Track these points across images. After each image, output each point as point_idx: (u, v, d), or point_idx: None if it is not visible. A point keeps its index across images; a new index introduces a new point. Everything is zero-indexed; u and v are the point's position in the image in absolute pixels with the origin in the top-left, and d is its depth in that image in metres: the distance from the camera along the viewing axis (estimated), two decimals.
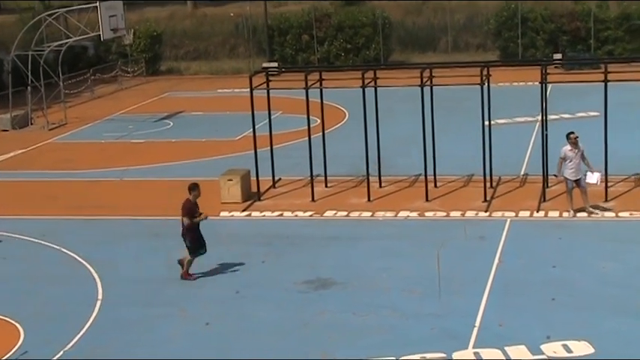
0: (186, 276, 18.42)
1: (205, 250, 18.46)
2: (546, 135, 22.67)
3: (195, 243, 18.33)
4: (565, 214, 21.41)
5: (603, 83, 21.94)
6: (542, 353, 14.52)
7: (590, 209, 21.32)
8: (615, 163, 22.51)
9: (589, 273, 17.84)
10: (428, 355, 14.63)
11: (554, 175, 21.70)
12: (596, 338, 14.84)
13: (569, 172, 21.19)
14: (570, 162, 21.08)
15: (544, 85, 22.66)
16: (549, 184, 23.09)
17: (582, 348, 14.60)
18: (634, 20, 43.35)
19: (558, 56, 42.80)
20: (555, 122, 29.10)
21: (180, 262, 18.49)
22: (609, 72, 22.08)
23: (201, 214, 18.33)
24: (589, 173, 21.20)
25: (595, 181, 21.25)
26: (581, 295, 16.84)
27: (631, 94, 29.51)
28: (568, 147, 21.16)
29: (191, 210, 18.26)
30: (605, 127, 21.97)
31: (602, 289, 17.03)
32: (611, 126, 22.17)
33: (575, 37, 43.97)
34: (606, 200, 22.05)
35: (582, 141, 21.20)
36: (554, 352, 14.52)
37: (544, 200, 22.47)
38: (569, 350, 14.58)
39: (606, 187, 22.22)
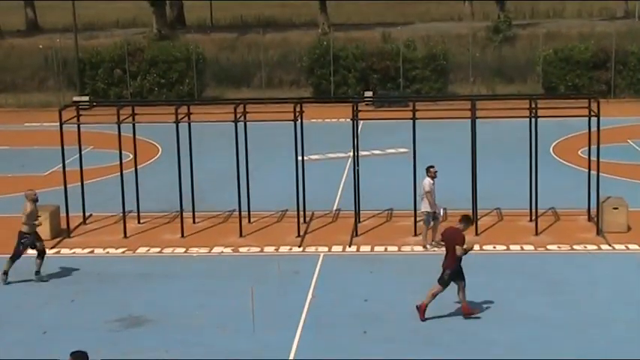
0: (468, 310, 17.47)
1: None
2: (358, 170, 23.15)
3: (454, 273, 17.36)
4: (377, 249, 21.86)
5: (412, 120, 22.63)
6: None
7: (435, 242, 21.57)
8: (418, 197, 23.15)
9: (399, 306, 18.22)
10: None
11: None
12: None
13: (426, 205, 21.69)
14: (430, 195, 21.58)
15: (355, 121, 23.15)
16: (361, 220, 23.56)
17: None
18: (440, 62, 44.98)
19: (369, 94, 43.85)
20: (366, 158, 29.80)
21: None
22: (417, 109, 22.79)
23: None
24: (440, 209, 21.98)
25: (441, 215, 22.03)
26: (392, 327, 17.18)
27: (437, 130, 30.55)
28: (429, 180, 21.62)
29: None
30: (414, 162, 22.60)
31: (413, 322, 17.42)
32: (420, 161, 22.83)
33: (385, 75, 45.21)
34: (415, 234, 22.69)
35: (391, 176, 21.73)
36: None
37: (356, 235, 22.88)
38: None
39: (415, 221, 22.82)
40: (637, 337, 16.40)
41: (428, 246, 21.74)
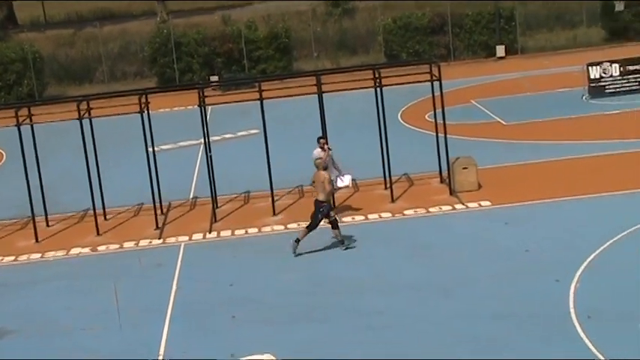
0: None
1: None
2: (211, 156, 22.99)
3: None
4: (237, 232, 21.81)
5: (259, 101, 22.60)
6: None
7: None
8: (278, 177, 23.21)
9: (266, 286, 18.25)
10: None
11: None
12: (280, 349, 15.17)
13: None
14: (322, 162, 21.54)
15: (203, 107, 22.96)
16: (218, 205, 23.45)
17: None
18: (282, 39, 45.02)
19: (215, 78, 43.61)
20: (218, 143, 29.63)
21: None
22: (264, 90, 22.78)
23: None
24: (339, 178, 21.75)
25: (347, 183, 21.89)
26: (261, 309, 17.17)
27: (285, 109, 30.64)
28: (318, 150, 21.54)
29: None
30: (265, 142, 22.59)
31: (281, 300, 17.47)
32: (272, 141, 22.85)
33: (229, 58, 45.03)
34: (274, 214, 22.73)
35: (245, 159, 21.68)
36: None
37: (215, 221, 22.75)
38: None
39: (273, 201, 22.87)
40: (500, 292, 16.90)
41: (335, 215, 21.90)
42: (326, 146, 21.48)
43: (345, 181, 21.79)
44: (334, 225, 19.80)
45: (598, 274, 17.18)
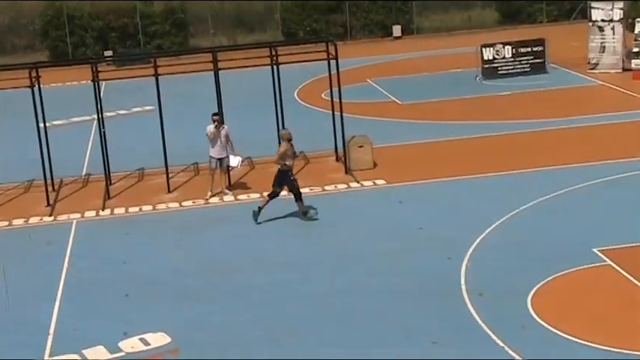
0: None
1: None
2: (104, 132, 22.60)
3: None
4: (131, 210, 21.53)
5: (154, 77, 22.29)
6: (121, 351, 14.47)
7: (226, 191, 21.91)
8: (173, 154, 22.97)
9: (159, 265, 18.09)
10: None
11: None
12: (172, 328, 15.08)
13: (212, 151, 21.59)
14: (214, 141, 21.45)
15: (97, 83, 22.52)
16: (112, 182, 23.11)
17: (159, 339, 14.76)
18: (178, 15, 44.53)
19: (109, 53, 42.84)
20: (112, 119, 29.17)
21: None
22: (159, 65, 22.48)
23: None
24: (231, 156, 21.57)
25: (236, 164, 21.75)
26: (154, 287, 17.02)
27: (181, 86, 30.32)
28: (212, 126, 21.45)
29: None
30: (160, 119, 22.33)
31: (174, 278, 17.35)
32: (167, 118, 22.59)
33: (124, 33, 44.30)
34: (169, 191, 22.51)
35: (139, 135, 21.38)
36: (132, 348, 14.54)
37: (109, 198, 22.40)
38: (146, 343, 14.67)
39: (167, 178, 22.63)
40: (392, 268, 17.08)
41: (226, 190, 21.84)
42: (216, 124, 21.42)
43: (233, 162, 21.73)
44: (272, 195, 20.06)
45: (488, 252, 17.53)
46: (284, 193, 20.10)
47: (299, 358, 13.90)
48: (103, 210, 21.68)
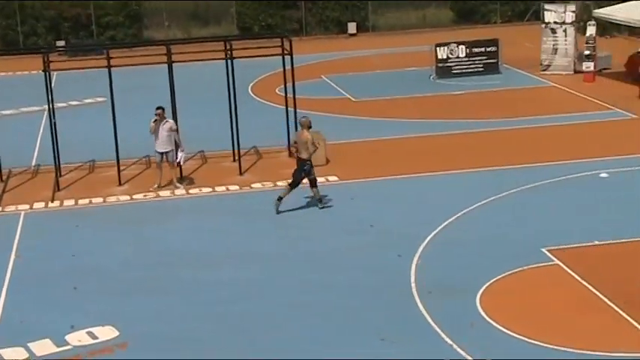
0: None
1: None
2: (54, 123, 22.36)
3: None
4: (81, 202, 21.33)
5: (107, 69, 22.09)
6: (68, 344, 14.33)
7: (177, 184, 21.81)
8: (126, 147, 22.79)
9: (108, 258, 17.93)
10: None
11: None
12: (121, 321, 14.96)
13: (156, 145, 21.51)
14: (155, 135, 21.40)
15: (48, 73, 22.26)
16: (62, 174, 22.87)
17: (107, 332, 14.65)
18: (132, 7, 44.17)
19: (61, 43, 42.35)
20: (63, 110, 28.87)
21: None
22: (112, 57, 22.28)
23: None
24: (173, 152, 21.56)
25: (178, 159, 21.62)
26: (103, 280, 16.88)
27: (134, 78, 30.07)
28: (153, 119, 21.38)
29: None
30: (112, 111, 22.14)
31: (125, 271, 17.22)
32: (119, 110, 22.40)
33: (77, 23, 43.84)
34: (120, 184, 22.33)
35: (91, 127, 21.19)
36: (79, 341, 14.40)
37: (58, 190, 22.16)
38: (94, 337, 14.54)
39: (119, 170, 22.45)
40: (343, 265, 17.12)
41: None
42: (157, 118, 21.35)
43: (177, 156, 21.63)
44: (313, 183, 20.04)
45: (439, 249, 17.62)
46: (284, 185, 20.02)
47: (247, 357, 13.87)
48: (52, 202, 21.45)
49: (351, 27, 45.26)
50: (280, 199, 19.87)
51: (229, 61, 22.99)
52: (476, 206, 19.82)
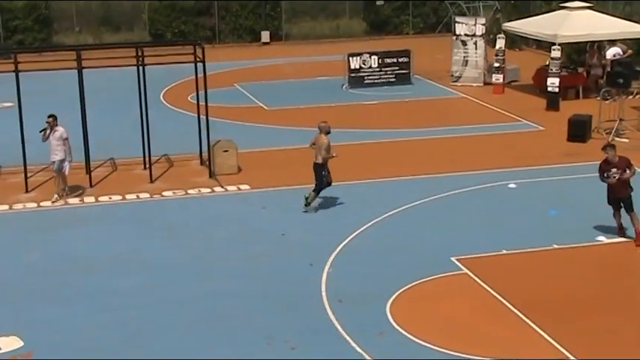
0: None
1: None
2: None
3: None
4: None
5: (14, 73, 21.67)
6: None
7: (56, 195, 21.25)
8: (32, 153, 22.35)
9: (12, 265, 17.59)
10: None
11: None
12: (25, 330, 14.67)
13: (53, 154, 21.02)
14: (48, 143, 20.98)
15: None
16: None
17: (11, 343, 14.35)
18: (42, 11, 43.43)
19: None
20: None
21: None
22: (20, 62, 21.87)
23: None
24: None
25: (62, 169, 21.18)
26: (6, 288, 16.53)
27: (44, 82, 29.52)
28: (42, 128, 21.03)
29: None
30: (20, 117, 21.70)
31: (28, 280, 16.88)
32: (28, 115, 21.96)
33: None
34: (27, 191, 21.89)
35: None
36: None
37: None
38: None
39: (26, 177, 22.01)
40: (252, 273, 17.07)
41: (56, 196, 21.12)
42: (47, 126, 21.08)
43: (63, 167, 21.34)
44: (316, 188, 20.27)
45: (350, 258, 17.70)
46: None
47: None
48: None
49: (265, 35, 45.23)
50: (308, 204, 20.24)
51: (141, 67, 22.76)
52: (387, 215, 19.97)
